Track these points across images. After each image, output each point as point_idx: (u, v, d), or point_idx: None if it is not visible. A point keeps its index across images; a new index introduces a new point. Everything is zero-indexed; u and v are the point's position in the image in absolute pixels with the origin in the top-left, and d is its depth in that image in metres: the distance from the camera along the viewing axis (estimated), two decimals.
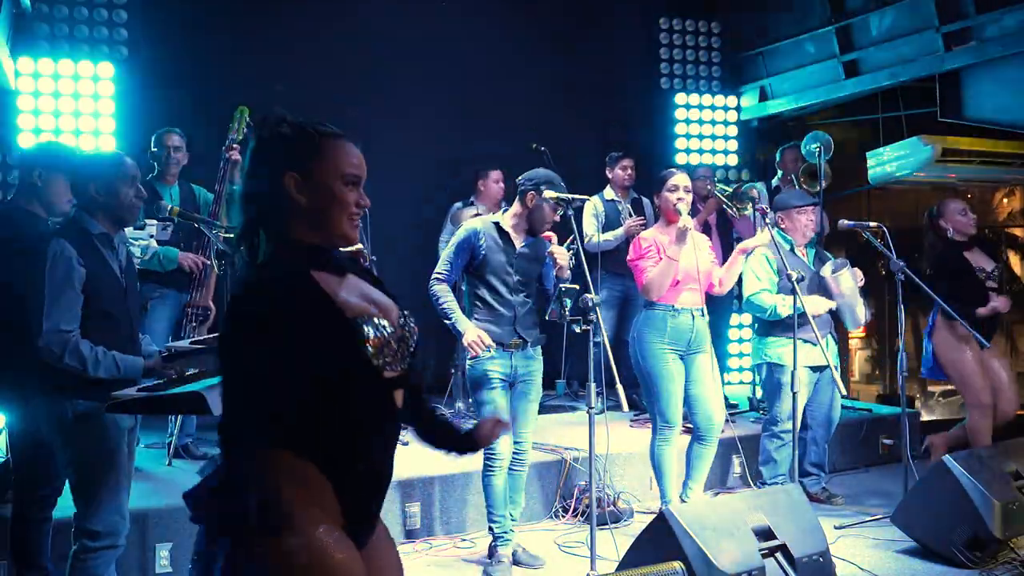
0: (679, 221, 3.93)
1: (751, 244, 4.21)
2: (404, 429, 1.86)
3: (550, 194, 3.64)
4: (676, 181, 4.05)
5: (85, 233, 2.82)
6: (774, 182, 6.26)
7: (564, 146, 5.68)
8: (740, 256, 4.22)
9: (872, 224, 4.50)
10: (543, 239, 3.75)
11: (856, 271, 4.52)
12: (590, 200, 5.64)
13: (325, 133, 1.71)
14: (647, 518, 3.71)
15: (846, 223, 4.54)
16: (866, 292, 4.79)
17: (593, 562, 3.31)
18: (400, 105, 5.98)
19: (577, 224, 3.87)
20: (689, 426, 4.23)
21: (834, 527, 4.21)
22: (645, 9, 7.03)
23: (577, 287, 3.53)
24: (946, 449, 4.92)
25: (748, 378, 6.59)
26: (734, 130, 7.25)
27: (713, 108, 7.19)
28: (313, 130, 1.70)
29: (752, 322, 4.92)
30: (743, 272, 4.42)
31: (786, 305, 4.34)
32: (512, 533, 3.82)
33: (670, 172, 4.14)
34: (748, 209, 5.55)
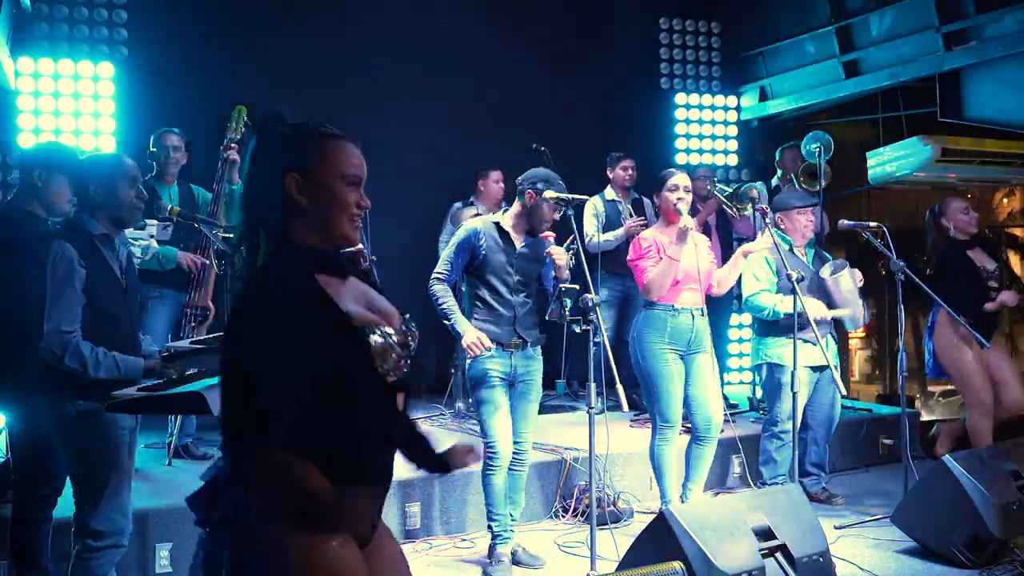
0: (680, 221, 3.93)
1: (753, 248, 4.21)
2: None
3: (550, 194, 3.64)
4: (676, 181, 4.04)
5: (86, 234, 2.81)
6: (774, 182, 6.26)
7: (564, 146, 5.68)
8: (741, 259, 4.23)
9: (872, 224, 4.50)
10: (543, 239, 3.75)
11: (855, 272, 4.51)
12: (590, 200, 5.64)
13: (326, 133, 1.70)
14: (647, 518, 3.71)
15: (846, 223, 4.54)
16: (866, 292, 4.79)
17: (593, 562, 3.31)
18: (400, 105, 5.98)
19: (577, 224, 3.87)
20: (688, 426, 4.23)
21: (834, 527, 4.21)
22: (645, 9, 7.03)
23: (577, 287, 3.53)
24: (953, 438, 4.93)
25: (748, 378, 6.59)
26: (734, 130, 7.25)
27: (713, 108, 7.19)
28: (314, 130, 1.69)
29: (752, 322, 4.92)
30: (742, 273, 4.42)
31: (785, 304, 4.34)
32: (512, 532, 3.82)
33: (670, 172, 4.13)
34: (748, 209, 5.55)
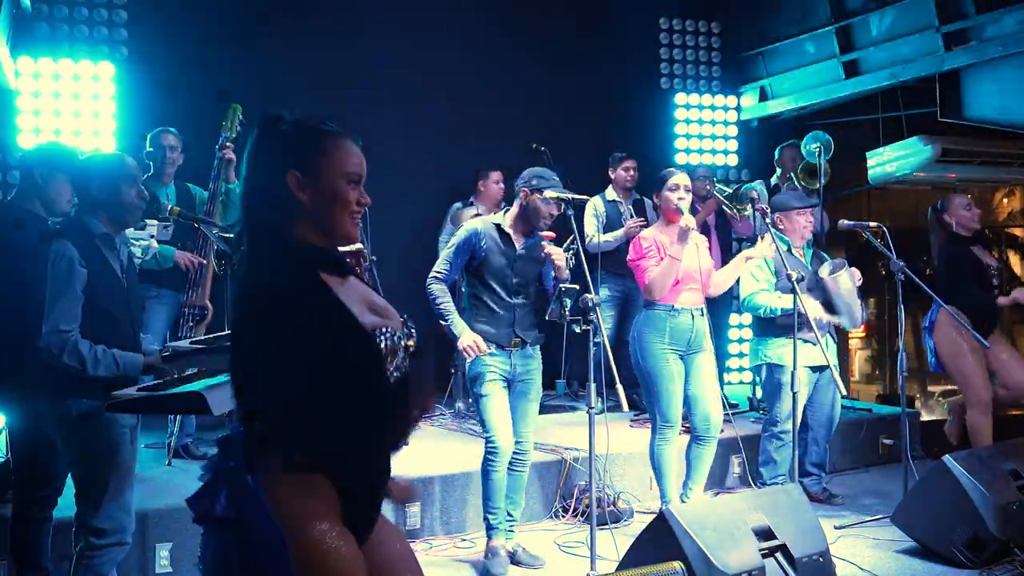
0: (681, 220, 3.93)
1: (754, 254, 4.27)
2: None
3: (551, 194, 3.63)
4: (676, 180, 4.05)
5: (87, 234, 2.81)
6: (773, 180, 6.25)
7: (564, 146, 5.68)
8: (741, 263, 4.24)
9: (872, 224, 4.50)
10: (543, 240, 3.75)
11: (854, 271, 4.51)
12: (591, 200, 5.64)
13: (327, 130, 1.70)
14: (647, 518, 3.71)
15: (846, 223, 4.54)
16: (865, 292, 4.78)
17: (593, 562, 3.30)
18: (400, 105, 5.98)
19: (578, 224, 3.86)
20: (688, 426, 4.23)
21: (834, 527, 4.21)
22: (645, 9, 7.03)
23: (577, 287, 3.53)
24: (962, 414, 4.91)
25: (748, 378, 6.59)
26: (734, 130, 7.26)
27: (713, 108, 7.20)
28: (315, 127, 1.69)
29: (751, 323, 4.92)
30: (740, 274, 4.43)
31: (783, 301, 4.35)
32: (510, 528, 3.81)
33: (670, 172, 4.14)
34: (748, 210, 5.56)
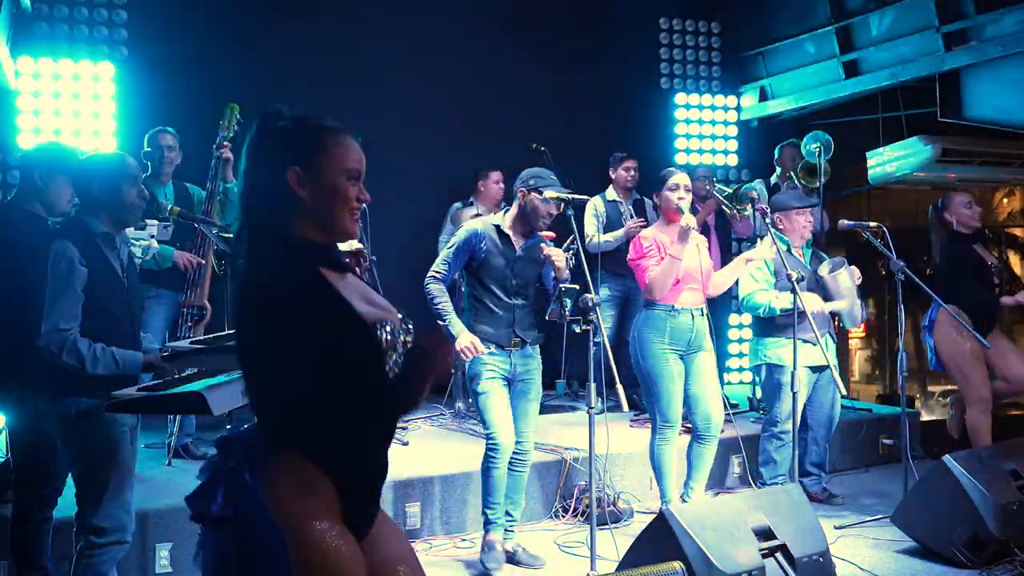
0: (681, 220, 3.93)
1: (755, 255, 4.28)
2: (404, 428, 1.86)
3: (550, 193, 3.63)
4: (676, 180, 4.05)
5: (87, 233, 2.81)
6: (773, 179, 6.25)
7: (564, 146, 5.68)
8: (741, 265, 4.25)
9: (872, 224, 4.50)
10: (542, 241, 3.75)
11: (853, 269, 4.52)
12: (591, 200, 5.64)
13: (327, 127, 1.70)
14: (647, 518, 3.71)
15: (846, 223, 4.54)
16: (865, 292, 4.78)
17: (593, 562, 3.30)
18: (400, 104, 5.98)
19: (578, 224, 3.86)
20: (688, 426, 4.23)
21: (834, 527, 4.21)
22: (645, 9, 7.03)
23: (577, 287, 3.53)
24: (964, 408, 4.92)
25: (748, 378, 6.59)
26: (734, 130, 7.26)
27: (713, 108, 7.20)
28: (315, 124, 1.69)
29: (751, 323, 4.92)
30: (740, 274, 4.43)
31: (781, 300, 4.35)
32: (508, 524, 3.81)
33: (670, 171, 4.14)
34: (747, 210, 5.56)
